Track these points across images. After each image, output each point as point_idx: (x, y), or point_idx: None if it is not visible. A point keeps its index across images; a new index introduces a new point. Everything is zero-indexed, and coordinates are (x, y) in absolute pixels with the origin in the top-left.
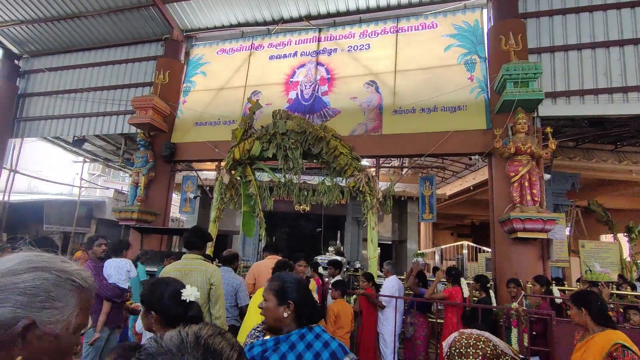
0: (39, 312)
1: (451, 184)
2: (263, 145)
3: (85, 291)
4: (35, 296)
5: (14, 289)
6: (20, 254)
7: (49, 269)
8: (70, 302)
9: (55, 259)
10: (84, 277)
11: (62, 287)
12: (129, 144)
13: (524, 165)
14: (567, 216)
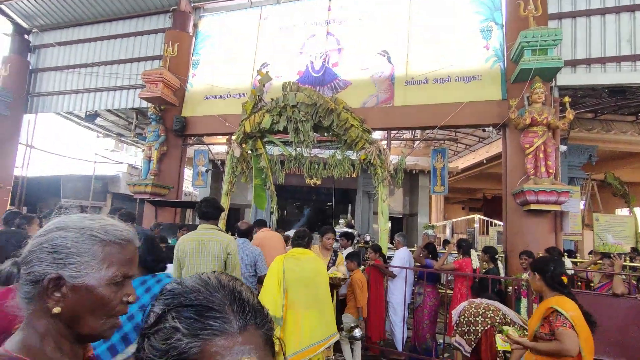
0: (64, 267)
1: (464, 157)
2: (273, 118)
3: (110, 244)
4: (57, 253)
5: (41, 248)
6: (57, 217)
7: (69, 228)
8: (94, 255)
9: (82, 219)
10: (108, 232)
11: (82, 242)
12: (140, 119)
13: (539, 136)
14: (582, 189)
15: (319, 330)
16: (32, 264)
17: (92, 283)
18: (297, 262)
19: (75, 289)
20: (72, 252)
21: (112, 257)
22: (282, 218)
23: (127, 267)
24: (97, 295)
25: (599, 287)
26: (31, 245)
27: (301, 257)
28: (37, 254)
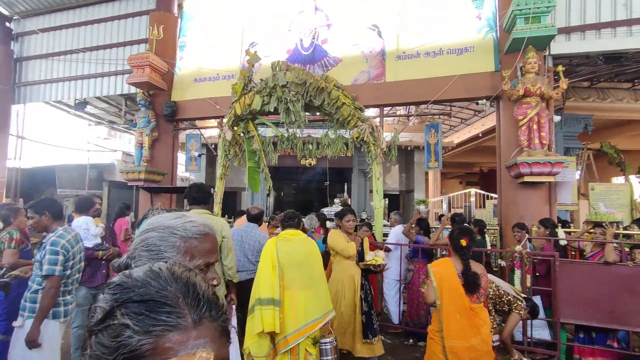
0: (158, 260)
1: (459, 132)
2: (264, 99)
3: (190, 239)
4: (150, 251)
5: (140, 247)
6: (150, 219)
7: (156, 228)
8: (178, 250)
9: (165, 218)
10: (187, 229)
11: (166, 240)
12: (130, 105)
13: (532, 107)
14: (578, 159)
15: (316, 308)
16: (137, 260)
17: None
18: (289, 243)
19: None
20: (160, 249)
21: (193, 250)
22: (279, 200)
23: (207, 256)
24: None
25: (591, 255)
26: (135, 244)
27: (293, 239)
28: (138, 251)
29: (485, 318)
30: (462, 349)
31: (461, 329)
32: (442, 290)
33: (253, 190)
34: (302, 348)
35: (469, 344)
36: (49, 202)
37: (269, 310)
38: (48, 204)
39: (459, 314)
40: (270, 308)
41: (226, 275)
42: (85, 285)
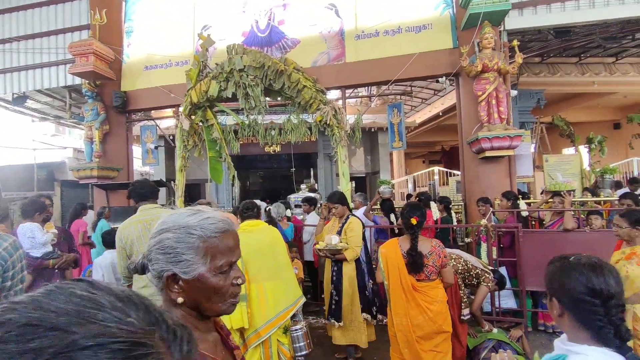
0: (176, 265)
1: (420, 112)
2: (220, 84)
3: (209, 239)
4: (167, 254)
5: (155, 250)
6: (162, 218)
7: (170, 229)
8: (197, 251)
9: (180, 217)
10: (204, 227)
11: (184, 241)
12: (75, 97)
13: (491, 82)
14: (532, 133)
15: (285, 297)
16: (153, 262)
17: (202, 274)
18: (250, 235)
19: (190, 282)
20: (178, 251)
21: (213, 250)
22: (245, 189)
23: (229, 255)
24: (210, 284)
25: (551, 224)
26: (149, 246)
27: (254, 229)
28: (153, 254)
29: (436, 296)
30: (407, 326)
31: (406, 307)
32: (387, 270)
33: (215, 181)
34: (274, 339)
35: (416, 321)
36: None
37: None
38: None
39: (403, 293)
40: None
41: None
42: None
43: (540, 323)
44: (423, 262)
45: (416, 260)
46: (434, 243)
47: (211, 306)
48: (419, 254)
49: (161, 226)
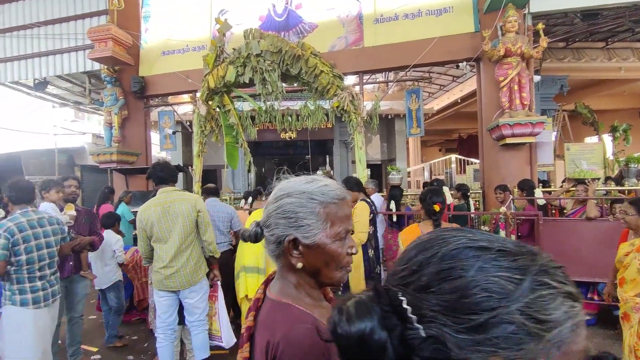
0: (297, 229)
1: (438, 99)
2: (238, 69)
3: (329, 205)
4: (288, 218)
5: (275, 214)
6: (279, 185)
7: (291, 194)
8: (318, 217)
9: (298, 184)
10: (324, 193)
11: (305, 206)
12: (95, 83)
13: (513, 67)
14: (554, 121)
15: None
16: (272, 228)
17: (322, 240)
18: None
19: (310, 247)
20: (300, 216)
21: (333, 216)
22: (261, 175)
23: (346, 222)
24: (328, 250)
25: (572, 212)
26: (268, 211)
27: None
28: (273, 219)
29: None
30: None
31: None
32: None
33: (231, 167)
34: None
35: None
36: (9, 185)
37: (252, 277)
38: (8, 188)
39: None
40: (254, 275)
41: (206, 251)
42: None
43: None
44: None
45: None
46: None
47: (328, 272)
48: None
49: (280, 192)
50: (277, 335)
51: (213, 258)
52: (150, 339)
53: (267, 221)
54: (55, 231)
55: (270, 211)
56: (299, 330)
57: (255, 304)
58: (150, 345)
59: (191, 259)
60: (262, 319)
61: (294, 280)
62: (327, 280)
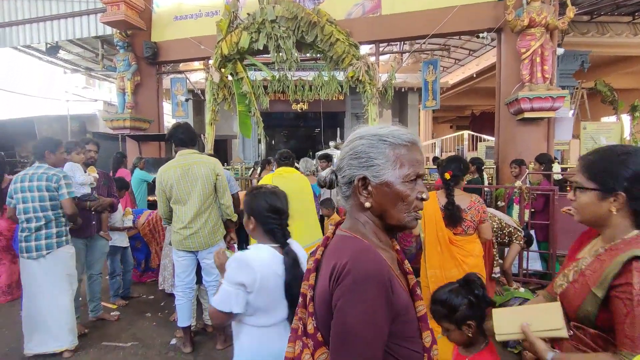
0: (367, 169)
1: (452, 73)
2: (252, 36)
3: (399, 147)
4: (359, 159)
5: (348, 156)
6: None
7: (364, 136)
8: (388, 157)
9: (371, 128)
10: (395, 136)
11: (376, 147)
12: (107, 48)
13: (537, 39)
14: (572, 98)
15: (307, 236)
16: (344, 170)
17: (390, 180)
18: (284, 179)
19: (379, 187)
20: (370, 156)
21: (402, 158)
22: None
23: (417, 166)
24: (396, 190)
25: None
26: (341, 155)
27: (288, 175)
28: (345, 160)
29: (472, 250)
30: (441, 278)
31: (441, 259)
32: (424, 223)
33: (245, 136)
34: None
35: (450, 274)
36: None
37: None
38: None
39: (439, 245)
40: None
41: (224, 214)
42: (78, 236)
43: None
44: (461, 216)
45: (453, 214)
46: (473, 198)
47: (396, 214)
48: (456, 207)
49: (354, 136)
50: (344, 259)
51: (230, 221)
52: (166, 298)
53: (340, 164)
54: (39, 187)
55: (344, 154)
56: (366, 255)
57: (325, 241)
58: (167, 304)
59: (209, 221)
60: (330, 249)
61: (362, 219)
62: (394, 222)
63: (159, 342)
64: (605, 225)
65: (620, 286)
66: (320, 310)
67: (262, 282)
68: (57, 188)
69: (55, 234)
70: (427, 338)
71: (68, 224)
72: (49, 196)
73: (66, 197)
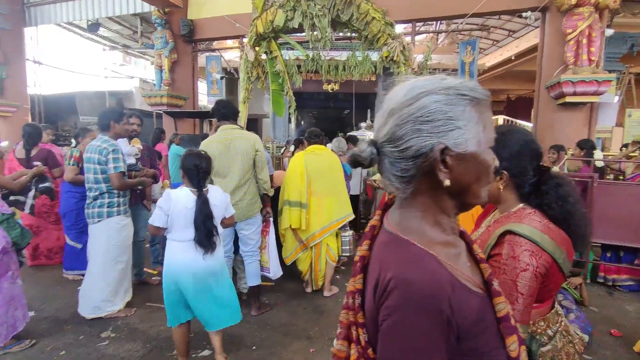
0: (444, 136)
1: (490, 55)
2: (287, 14)
3: (479, 103)
4: (434, 121)
5: (414, 119)
6: (403, 85)
7: (434, 91)
8: (470, 118)
9: (435, 81)
10: (472, 88)
11: (455, 104)
12: (145, 26)
13: (584, 19)
14: (618, 83)
15: (338, 211)
16: (407, 139)
17: (474, 149)
18: (316, 156)
19: (461, 158)
20: (450, 117)
21: (484, 118)
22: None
23: (492, 127)
24: (481, 160)
25: (632, 177)
26: (398, 119)
27: (319, 153)
28: (410, 126)
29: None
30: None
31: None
32: None
33: (277, 114)
34: (324, 244)
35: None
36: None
37: (295, 210)
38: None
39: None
40: (297, 209)
41: (261, 188)
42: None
43: (600, 275)
44: None
45: None
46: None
47: (477, 189)
48: None
49: (416, 90)
50: (389, 274)
51: (266, 196)
52: None
53: (397, 132)
54: (93, 160)
55: (404, 117)
56: (416, 270)
57: (371, 231)
58: None
59: (248, 194)
60: (376, 252)
61: (422, 206)
62: (474, 200)
63: None
64: (499, 201)
65: (494, 256)
66: (369, 325)
67: (174, 209)
68: (105, 162)
69: (107, 204)
70: (512, 345)
71: (125, 195)
72: (100, 169)
73: (112, 172)
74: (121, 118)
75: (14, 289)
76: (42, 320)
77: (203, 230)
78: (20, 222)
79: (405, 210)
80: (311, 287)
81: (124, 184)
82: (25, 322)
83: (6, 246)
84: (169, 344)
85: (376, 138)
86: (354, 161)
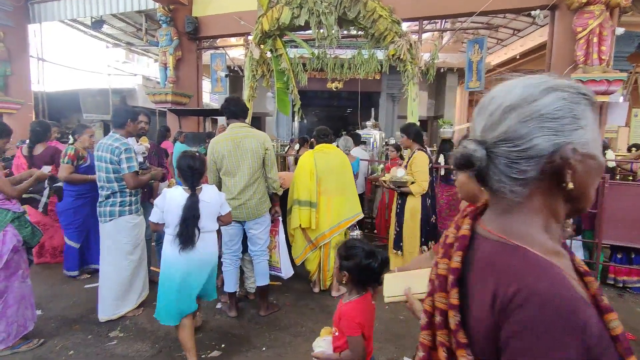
0: (569, 135)
1: (494, 54)
2: (293, 11)
3: (594, 104)
4: (559, 119)
5: (538, 117)
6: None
7: (559, 87)
8: (590, 118)
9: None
10: (587, 89)
11: (578, 103)
12: (149, 24)
13: (595, 17)
14: (625, 83)
15: (347, 210)
16: (530, 137)
17: (594, 151)
18: (325, 155)
19: (584, 159)
20: (575, 115)
21: (597, 119)
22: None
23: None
24: (599, 163)
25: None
26: (520, 116)
27: (329, 151)
28: (534, 123)
29: None
30: None
31: None
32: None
33: (283, 113)
34: (334, 243)
35: None
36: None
37: (305, 209)
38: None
39: None
40: (307, 208)
41: (270, 187)
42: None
43: (610, 277)
44: None
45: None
46: None
47: (591, 195)
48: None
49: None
50: (512, 286)
51: (275, 195)
52: None
53: (519, 130)
54: (105, 159)
55: (527, 114)
56: (548, 282)
57: (463, 241)
58: None
59: (257, 193)
60: (483, 263)
61: (536, 212)
62: (587, 204)
63: (205, 305)
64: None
65: None
66: (480, 344)
67: (167, 206)
68: (118, 162)
69: (119, 203)
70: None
71: (136, 194)
72: (112, 169)
73: (126, 172)
74: (137, 117)
75: (24, 288)
76: (50, 319)
77: (184, 226)
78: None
79: (513, 216)
80: (319, 287)
81: (138, 183)
82: (34, 321)
83: (17, 245)
84: (177, 344)
85: (483, 138)
86: (466, 162)
